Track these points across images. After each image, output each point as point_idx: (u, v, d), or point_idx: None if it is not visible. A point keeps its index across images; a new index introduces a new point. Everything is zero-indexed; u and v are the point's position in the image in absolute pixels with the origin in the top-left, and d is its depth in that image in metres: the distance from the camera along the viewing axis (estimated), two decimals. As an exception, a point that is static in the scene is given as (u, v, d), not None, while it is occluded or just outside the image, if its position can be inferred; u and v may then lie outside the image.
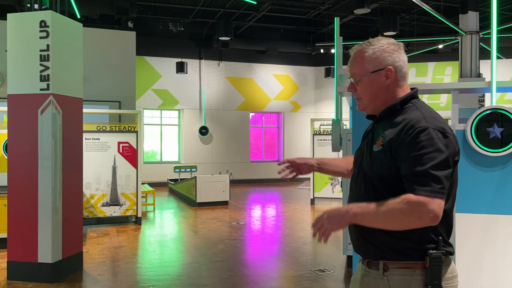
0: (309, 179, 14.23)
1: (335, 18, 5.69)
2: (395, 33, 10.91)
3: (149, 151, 15.42)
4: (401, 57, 1.67)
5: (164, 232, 7.62)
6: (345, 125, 6.75)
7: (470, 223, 4.00)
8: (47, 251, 4.70)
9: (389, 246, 1.58)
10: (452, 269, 1.62)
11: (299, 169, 1.99)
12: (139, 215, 8.07)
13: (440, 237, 1.56)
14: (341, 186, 5.60)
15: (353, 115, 4.39)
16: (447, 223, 1.61)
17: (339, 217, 1.56)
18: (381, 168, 1.59)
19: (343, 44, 6.78)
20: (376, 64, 1.65)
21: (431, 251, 1.53)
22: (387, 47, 1.66)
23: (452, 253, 1.60)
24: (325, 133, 10.79)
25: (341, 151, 5.38)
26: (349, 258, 5.23)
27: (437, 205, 1.45)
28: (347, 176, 1.98)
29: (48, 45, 4.69)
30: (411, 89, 1.70)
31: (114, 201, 7.90)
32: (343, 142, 5.16)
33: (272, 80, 16.56)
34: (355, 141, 4.44)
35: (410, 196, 1.46)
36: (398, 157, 1.54)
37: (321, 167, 1.99)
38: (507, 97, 15.14)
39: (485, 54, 11.64)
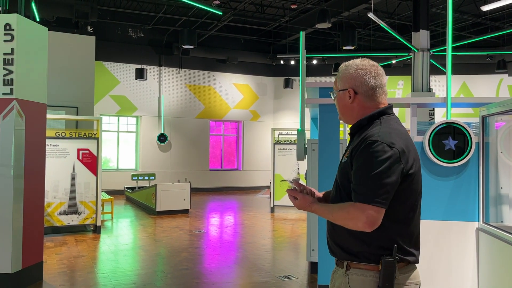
0: (268, 187, 14.42)
1: (301, 32, 5.90)
2: (353, 47, 11.38)
3: (102, 158, 15.04)
4: (368, 81, 1.81)
5: (125, 241, 7.49)
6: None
7: (427, 229, 4.27)
8: (6, 261, 4.53)
9: (351, 248, 1.76)
10: (414, 276, 1.76)
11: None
12: (98, 223, 7.90)
13: (396, 245, 1.70)
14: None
15: (320, 126, 4.57)
16: (406, 232, 1.73)
17: (303, 209, 1.88)
18: (345, 179, 1.79)
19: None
20: (343, 84, 1.87)
21: (385, 257, 1.68)
22: (355, 70, 1.83)
23: (411, 262, 1.73)
24: (285, 142, 11.02)
25: (305, 160, 5.56)
26: (313, 264, 5.39)
27: (370, 212, 1.62)
28: None
29: (12, 49, 4.57)
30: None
31: (73, 210, 7.68)
32: (308, 151, 5.34)
33: (232, 89, 16.70)
34: (321, 150, 4.63)
35: (351, 205, 1.68)
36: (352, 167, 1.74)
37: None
38: (453, 111, 16.09)
39: (434, 70, 12.36)
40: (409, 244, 1.74)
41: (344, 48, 11.65)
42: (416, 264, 1.79)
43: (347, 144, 1.98)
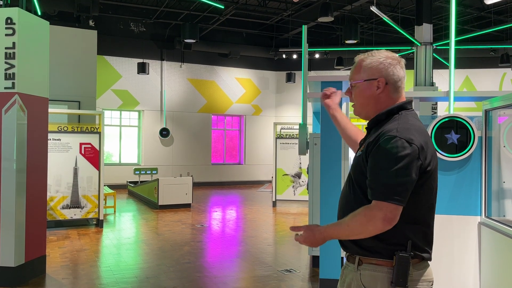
0: (270, 181, 14.43)
1: (303, 26, 5.87)
2: (355, 41, 11.33)
3: (105, 153, 15.07)
4: (397, 72, 1.77)
5: (127, 234, 7.52)
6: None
7: (429, 223, 4.24)
8: (9, 254, 4.55)
9: (363, 242, 1.70)
10: (427, 273, 1.72)
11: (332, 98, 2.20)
12: (101, 217, 7.92)
13: (410, 241, 1.66)
14: (307, 189, 5.78)
15: (322, 120, 4.56)
16: (421, 230, 1.70)
17: (314, 241, 1.75)
18: (359, 173, 1.73)
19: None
20: (370, 73, 1.77)
21: (401, 252, 1.64)
22: (384, 60, 1.77)
23: (425, 258, 1.71)
24: (287, 136, 11.01)
25: (307, 154, 5.56)
26: (314, 258, 5.40)
27: (389, 210, 1.58)
28: (348, 142, 2.18)
29: (14, 43, 4.57)
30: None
31: (75, 204, 7.71)
32: (310, 146, 5.33)
33: (234, 83, 16.68)
34: (323, 145, 4.63)
35: (365, 208, 1.63)
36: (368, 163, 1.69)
37: (335, 114, 2.18)
38: (456, 105, 16.03)
39: (437, 64, 12.30)
40: (424, 241, 1.71)
41: (347, 42, 11.61)
42: (428, 262, 1.75)
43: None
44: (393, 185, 1.58)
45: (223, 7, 9.97)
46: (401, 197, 1.58)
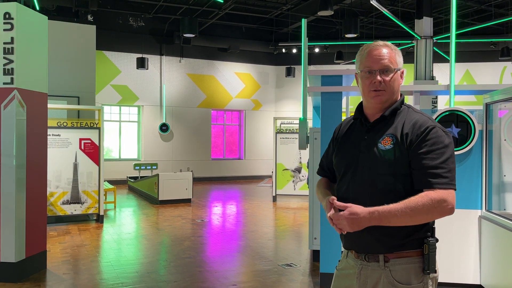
0: (270, 176, 14.44)
1: (302, 19, 5.85)
2: (355, 35, 11.29)
3: (104, 148, 15.06)
4: None
5: (128, 230, 7.53)
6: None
7: (429, 217, 4.24)
8: (10, 250, 4.56)
9: (392, 242, 1.69)
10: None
11: None
12: (101, 213, 7.92)
13: (434, 226, 1.73)
14: (308, 183, 5.77)
15: (322, 114, 4.55)
16: None
17: (360, 223, 1.62)
18: (395, 165, 1.69)
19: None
20: (400, 62, 1.82)
21: (429, 239, 1.68)
22: None
23: (438, 240, 1.75)
24: (287, 131, 10.99)
25: (307, 149, 5.55)
26: (315, 252, 5.41)
27: (453, 196, 1.62)
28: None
29: (12, 38, 4.54)
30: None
31: (75, 199, 7.71)
32: (310, 140, 5.32)
33: (234, 78, 16.64)
34: (323, 139, 4.62)
35: (430, 193, 1.60)
36: (411, 153, 1.68)
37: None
38: (456, 99, 15.99)
39: (437, 57, 12.26)
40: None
41: (347, 36, 11.57)
42: None
43: (360, 129, 1.85)
44: (451, 172, 1.64)
45: (222, 1, 9.92)
46: (455, 182, 1.66)
